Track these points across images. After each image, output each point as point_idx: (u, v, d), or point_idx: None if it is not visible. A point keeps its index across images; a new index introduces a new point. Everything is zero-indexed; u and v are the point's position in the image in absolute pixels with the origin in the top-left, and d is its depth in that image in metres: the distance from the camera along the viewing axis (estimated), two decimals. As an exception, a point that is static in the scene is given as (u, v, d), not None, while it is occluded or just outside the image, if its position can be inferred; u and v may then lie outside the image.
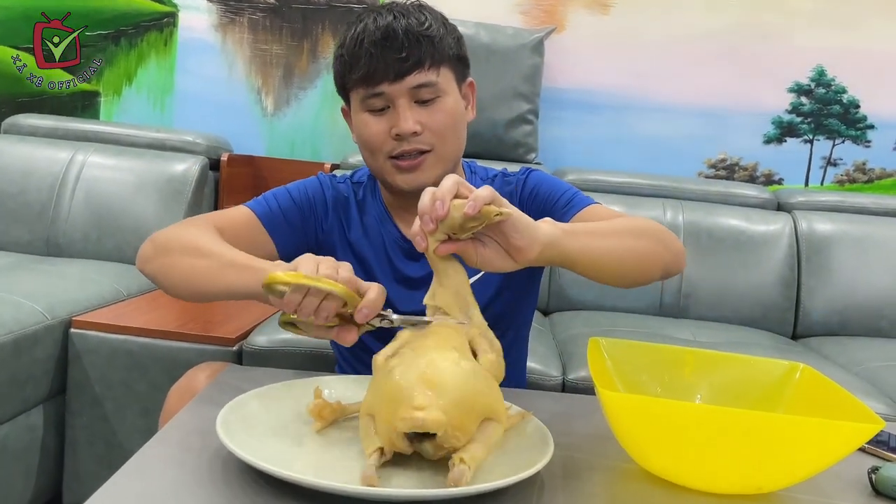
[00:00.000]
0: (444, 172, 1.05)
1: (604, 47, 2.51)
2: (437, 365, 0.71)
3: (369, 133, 1.03)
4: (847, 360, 1.85)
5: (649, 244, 0.95)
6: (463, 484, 0.65)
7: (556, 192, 1.09)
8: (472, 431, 0.70)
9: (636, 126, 2.53)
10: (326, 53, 2.60)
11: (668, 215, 2.19)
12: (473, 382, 0.71)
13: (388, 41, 0.99)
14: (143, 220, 2.19)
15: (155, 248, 1.00)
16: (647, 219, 1.01)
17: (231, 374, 1.02)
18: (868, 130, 2.50)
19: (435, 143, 1.03)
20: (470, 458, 0.67)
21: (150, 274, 1.01)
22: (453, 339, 0.76)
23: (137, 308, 1.76)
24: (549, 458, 0.72)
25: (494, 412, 0.73)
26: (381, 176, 1.08)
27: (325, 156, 2.60)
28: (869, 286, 2.11)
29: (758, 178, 2.53)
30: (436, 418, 0.67)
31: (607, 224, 0.94)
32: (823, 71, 2.48)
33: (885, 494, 0.78)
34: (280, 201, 1.11)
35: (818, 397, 0.84)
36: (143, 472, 0.71)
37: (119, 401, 1.62)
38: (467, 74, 1.10)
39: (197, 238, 0.97)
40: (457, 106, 1.05)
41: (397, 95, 1.01)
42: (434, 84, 1.02)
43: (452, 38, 1.05)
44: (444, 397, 0.68)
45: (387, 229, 1.12)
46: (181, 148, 2.35)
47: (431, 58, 1.01)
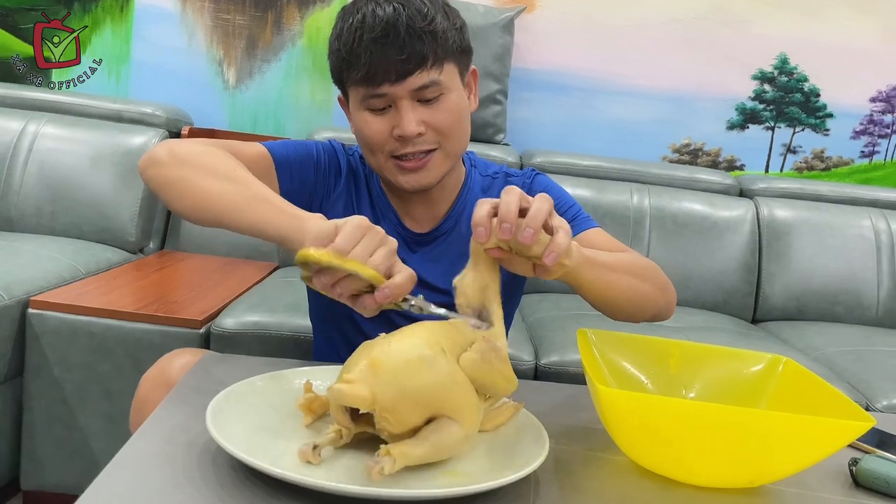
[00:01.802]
0: (450, 168, 1.03)
1: (573, 29, 2.50)
2: (391, 348, 0.69)
3: (370, 132, 0.98)
4: (805, 345, 1.90)
5: (651, 289, 0.97)
6: (374, 476, 0.63)
7: (561, 205, 1.08)
8: (411, 421, 0.68)
9: (603, 109, 2.53)
10: (291, 25, 2.53)
11: (634, 199, 2.21)
12: (423, 372, 0.68)
13: (389, 39, 0.93)
14: (99, 194, 2.11)
15: (171, 154, 0.90)
16: (649, 259, 1.02)
17: (208, 363, 0.99)
18: (827, 119, 2.55)
19: (440, 142, 0.99)
20: (399, 453, 0.65)
21: (158, 182, 0.91)
22: (446, 334, 0.74)
23: (98, 287, 1.70)
24: (546, 455, 0.72)
25: (453, 411, 0.69)
26: (381, 174, 1.04)
27: (289, 131, 2.54)
28: (826, 273, 2.17)
29: (720, 164, 2.57)
30: (357, 393, 0.66)
31: (619, 259, 0.94)
32: (786, 59, 2.52)
33: (864, 486, 0.81)
34: (299, 152, 1.05)
35: (801, 390, 0.85)
36: (130, 471, 0.68)
37: (79, 384, 1.56)
38: (470, 63, 1.05)
39: (223, 160, 0.89)
40: (460, 101, 1.00)
41: (399, 96, 0.95)
42: (437, 83, 0.96)
43: (456, 30, 0.99)
44: (379, 377, 0.67)
45: (386, 215, 1.09)
46: (139, 120, 2.27)
47: (434, 55, 0.95)
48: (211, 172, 0.87)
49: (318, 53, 2.54)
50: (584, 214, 1.10)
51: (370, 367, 0.67)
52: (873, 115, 2.55)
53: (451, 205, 1.10)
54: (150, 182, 0.93)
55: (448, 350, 0.71)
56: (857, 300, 2.15)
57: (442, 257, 1.08)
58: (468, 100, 1.05)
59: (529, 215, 0.74)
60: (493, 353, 0.74)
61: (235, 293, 1.76)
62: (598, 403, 0.77)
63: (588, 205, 2.16)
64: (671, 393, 0.91)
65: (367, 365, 0.67)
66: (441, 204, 1.09)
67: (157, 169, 0.91)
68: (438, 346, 0.71)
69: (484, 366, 0.72)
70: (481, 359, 0.72)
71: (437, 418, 0.69)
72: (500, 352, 0.76)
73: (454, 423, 0.69)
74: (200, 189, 0.87)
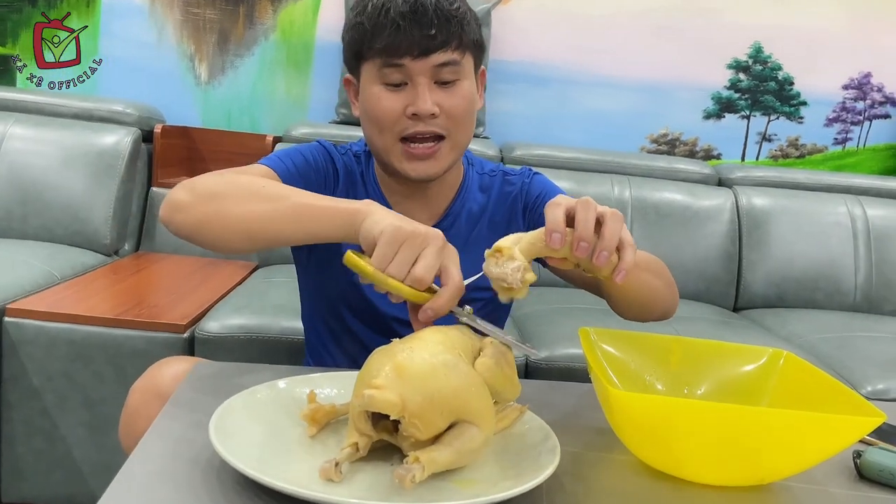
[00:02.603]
0: (455, 160, 1.02)
1: (549, 21, 2.49)
2: (413, 354, 0.68)
3: (381, 108, 0.96)
4: (788, 332, 1.93)
5: (663, 286, 0.99)
6: (407, 484, 0.62)
7: None
8: (437, 426, 0.67)
9: (581, 100, 2.53)
10: (264, 19, 2.49)
11: (615, 191, 2.21)
12: (447, 377, 0.67)
13: (417, 16, 0.93)
14: (72, 196, 2.06)
15: (194, 193, 0.87)
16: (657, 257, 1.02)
17: (201, 372, 0.96)
18: (801, 107, 2.58)
19: (450, 129, 0.98)
20: (427, 460, 0.64)
21: (192, 225, 0.87)
22: (459, 339, 0.73)
23: (75, 293, 1.65)
24: (558, 459, 0.71)
25: (474, 416, 0.69)
26: (386, 158, 1.01)
27: (265, 127, 2.50)
28: (805, 259, 2.20)
29: (697, 153, 2.59)
30: (388, 399, 0.65)
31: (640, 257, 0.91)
32: (761, 48, 2.54)
33: (869, 478, 0.81)
34: (297, 162, 1.03)
35: (804, 384, 0.85)
36: (135, 490, 0.66)
37: (60, 392, 1.52)
38: (482, 62, 1.05)
39: (246, 180, 0.86)
40: (473, 92, 1.00)
41: (418, 72, 0.94)
42: (458, 64, 0.96)
43: (476, 23, 0.99)
44: (406, 383, 0.66)
45: None
46: (110, 119, 2.22)
47: (459, 39, 0.95)
48: (243, 198, 0.85)
49: (291, 47, 2.50)
50: None
51: (396, 372, 0.66)
52: (846, 102, 2.58)
53: (449, 203, 1.09)
54: (183, 228, 0.88)
55: (463, 354, 0.71)
56: (835, 286, 2.18)
57: None
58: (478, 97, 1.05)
59: (605, 237, 0.73)
60: (504, 357, 0.74)
61: (217, 295, 1.72)
62: (608, 405, 0.77)
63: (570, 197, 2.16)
64: (674, 390, 0.91)
65: (392, 370, 0.66)
66: (439, 202, 1.08)
67: (185, 213, 0.87)
68: (456, 351, 0.70)
69: (497, 371, 0.72)
70: (495, 364, 0.72)
71: (458, 423, 0.68)
72: (508, 356, 0.76)
73: (475, 428, 0.68)
74: (241, 217, 0.84)
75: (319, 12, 2.48)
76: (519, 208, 1.11)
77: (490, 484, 0.68)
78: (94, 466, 1.55)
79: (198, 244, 0.88)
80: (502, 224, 1.10)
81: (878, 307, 2.19)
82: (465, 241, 1.07)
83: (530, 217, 1.10)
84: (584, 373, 1.52)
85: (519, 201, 1.11)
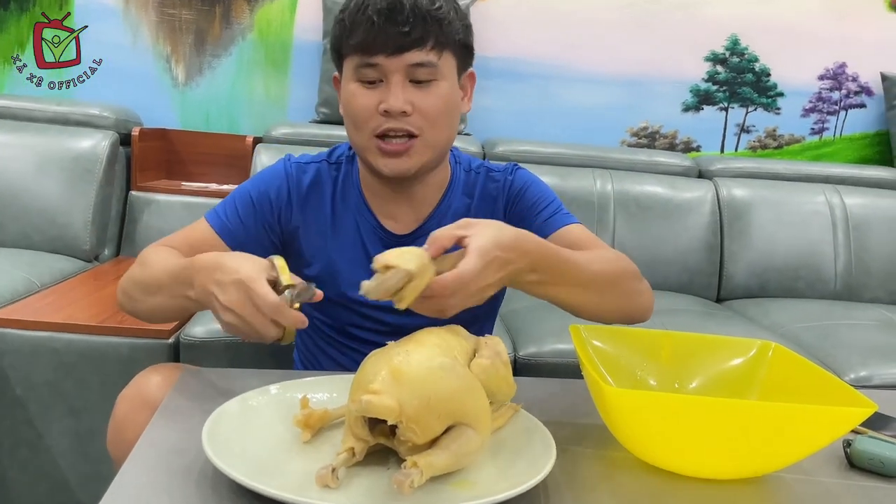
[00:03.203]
0: (431, 160, 1.02)
1: (528, 16, 2.49)
2: (409, 357, 0.68)
3: (356, 105, 0.98)
4: (771, 322, 1.94)
5: (617, 299, 0.95)
6: (405, 489, 0.62)
7: (541, 200, 1.08)
8: (434, 430, 0.67)
9: (561, 95, 2.54)
10: (241, 19, 2.46)
11: (597, 185, 2.22)
12: (444, 380, 0.67)
13: (393, 13, 0.94)
14: (49, 202, 2.03)
15: (124, 294, 1.01)
16: (627, 260, 0.99)
17: (189, 380, 0.95)
18: (778, 98, 2.60)
19: (424, 128, 0.98)
20: (425, 464, 0.64)
21: (137, 317, 1.03)
22: (453, 340, 0.73)
23: (57, 300, 1.63)
24: (554, 461, 0.70)
25: (470, 418, 0.69)
26: (363, 154, 1.03)
27: (245, 128, 2.47)
28: (785, 249, 2.22)
29: (677, 146, 2.60)
30: (386, 404, 0.64)
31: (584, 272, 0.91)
32: (737, 40, 2.56)
33: (859, 467, 0.82)
34: (239, 206, 1.06)
35: (793, 375, 0.86)
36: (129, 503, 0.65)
37: (43, 402, 1.50)
38: (469, 64, 1.05)
39: (148, 272, 0.96)
40: (452, 93, 1.00)
41: (392, 70, 0.95)
42: (433, 65, 0.96)
43: (461, 24, 0.99)
44: (403, 387, 0.66)
45: (364, 218, 1.07)
46: (87, 122, 2.18)
47: (435, 39, 0.96)
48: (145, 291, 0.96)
49: (270, 47, 2.48)
50: (564, 210, 1.09)
51: (392, 376, 0.65)
52: (822, 92, 2.60)
53: (435, 204, 1.08)
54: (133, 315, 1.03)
55: (459, 356, 0.71)
56: (816, 275, 2.20)
57: None
58: (461, 100, 1.04)
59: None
60: (499, 357, 0.74)
61: (201, 299, 1.70)
62: (602, 403, 0.77)
63: (552, 192, 2.17)
64: (665, 385, 0.91)
65: (388, 374, 0.66)
66: (425, 204, 1.08)
67: (127, 310, 1.03)
68: (452, 353, 0.70)
69: (493, 371, 0.73)
70: (491, 364, 0.72)
71: (455, 426, 0.68)
72: (502, 356, 0.75)
73: (471, 430, 0.68)
74: (150, 312, 1.00)
75: (297, 11, 2.46)
76: (501, 205, 1.11)
77: (488, 486, 0.68)
78: (80, 476, 1.52)
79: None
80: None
81: (858, 295, 2.21)
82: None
83: (511, 212, 1.10)
84: (571, 368, 1.53)
85: (501, 198, 1.10)
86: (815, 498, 0.76)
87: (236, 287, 0.78)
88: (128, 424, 0.96)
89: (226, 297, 0.79)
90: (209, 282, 0.81)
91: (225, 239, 1.04)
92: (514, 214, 1.09)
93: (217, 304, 0.80)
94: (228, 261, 0.82)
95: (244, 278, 0.78)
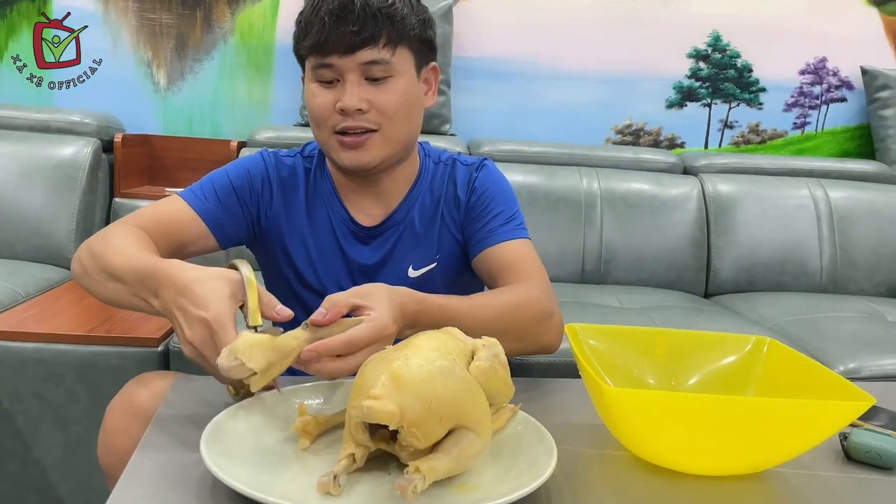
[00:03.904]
0: (392, 154, 1.03)
1: (511, 15, 2.49)
2: (409, 361, 0.67)
3: (315, 104, 1.01)
4: (759, 316, 1.96)
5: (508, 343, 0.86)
6: (409, 495, 0.62)
7: (496, 206, 1.09)
8: (436, 434, 0.67)
9: (546, 94, 2.54)
10: (222, 22, 2.45)
11: (584, 183, 2.22)
12: (444, 383, 0.67)
13: (344, 13, 0.95)
14: (32, 210, 2.00)
15: (81, 268, 0.95)
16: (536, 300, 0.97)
17: (181, 388, 0.93)
18: (760, 93, 2.62)
19: (382, 123, 1.00)
20: (427, 469, 0.64)
21: (90, 293, 0.96)
22: (450, 342, 0.73)
23: (42, 310, 1.61)
24: (555, 463, 0.70)
25: (471, 421, 0.69)
26: (325, 150, 1.05)
27: (228, 132, 2.46)
28: (771, 244, 2.23)
29: (662, 143, 2.61)
30: (387, 409, 0.64)
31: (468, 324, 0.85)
32: (719, 36, 2.58)
33: (856, 459, 0.82)
34: (217, 188, 1.06)
35: (789, 370, 0.86)
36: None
37: (31, 414, 1.48)
38: (431, 59, 1.06)
39: (112, 257, 0.90)
40: (410, 88, 1.01)
41: (347, 70, 0.97)
42: (387, 63, 0.98)
43: (417, 20, 1.00)
44: (404, 392, 0.65)
45: (335, 210, 1.09)
46: (68, 129, 2.16)
47: (388, 36, 0.97)
48: (105, 276, 0.90)
49: (252, 50, 2.46)
50: (518, 222, 1.09)
51: (393, 381, 0.65)
52: (803, 87, 2.63)
53: (402, 198, 1.10)
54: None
55: (457, 359, 0.70)
56: (802, 268, 2.22)
57: (395, 247, 1.10)
58: (424, 94, 1.06)
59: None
60: (497, 359, 0.73)
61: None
62: (602, 402, 0.77)
63: (539, 191, 2.17)
64: (661, 383, 0.91)
65: (389, 379, 0.65)
66: (392, 196, 1.10)
67: (78, 280, 0.96)
68: (451, 356, 0.70)
69: (491, 373, 0.72)
70: (489, 367, 0.72)
71: (456, 430, 0.68)
72: (500, 357, 0.75)
73: (472, 433, 0.68)
74: (104, 296, 0.92)
75: (279, 14, 2.45)
76: (463, 196, 1.11)
77: (489, 489, 0.68)
78: (71, 488, 1.51)
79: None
80: (449, 214, 1.11)
81: (844, 287, 2.23)
82: (417, 234, 1.09)
83: (467, 204, 1.10)
84: (562, 367, 1.53)
85: (464, 189, 1.11)
86: (815, 492, 0.77)
87: (202, 325, 0.74)
88: (119, 435, 0.95)
89: (190, 333, 0.75)
90: (173, 303, 0.77)
91: (204, 218, 1.03)
92: (469, 207, 1.10)
93: (179, 332, 0.77)
94: (197, 288, 0.75)
95: (212, 321, 0.73)
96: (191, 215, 1.03)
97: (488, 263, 1.06)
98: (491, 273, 1.06)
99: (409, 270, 1.09)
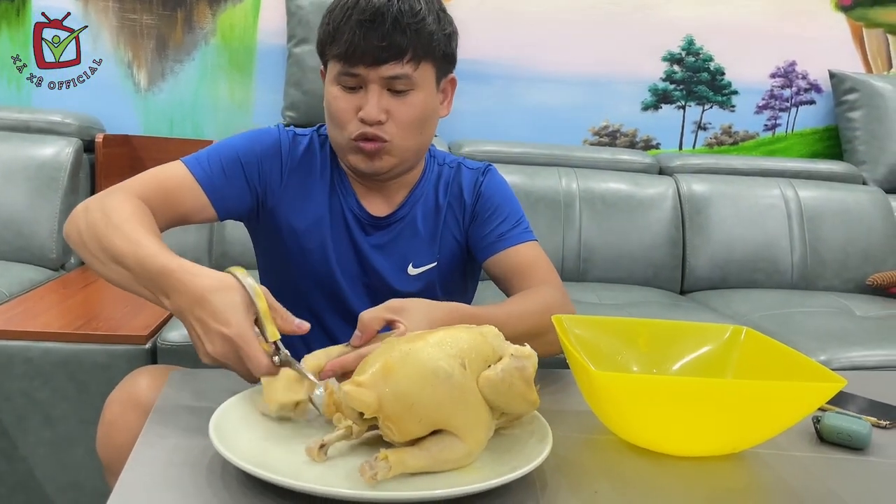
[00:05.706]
0: (402, 163, 1.05)
1: (490, 18, 2.54)
2: (407, 357, 0.68)
3: (337, 108, 1.01)
4: (733, 312, 2.01)
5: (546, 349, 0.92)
6: (367, 479, 0.63)
7: (503, 211, 1.12)
8: (413, 432, 0.67)
9: (524, 96, 2.58)
10: (203, 23, 2.46)
11: (563, 183, 2.27)
12: (433, 388, 0.66)
13: (375, 24, 0.96)
14: (13, 211, 2.00)
15: (79, 237, 0.90)
16: (556, 303, 1.01)
17: (179, 381, 0.95)
18: (732, 96, 2.69)
19: (395, 136, 1.01)
20: (396, 461, 0.65)
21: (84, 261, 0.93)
22: (473, 346, 0.71)
23: (28, 309, 1.61)
24: (550, 446, 0.72)
25: (457, 429, 0.68)
26: (339, 152, 1.06)
27: (209, 133, 2.47)
28: (744, 242, 2.30)
29: (638, 144, 2.67)
30: (363, 398, 0.66)
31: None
32: (692, 40, 2.64)
33: (829, 441, 0.87)
34: (223, 157, 1.04)
35: (764, 356, 0.91)
36: (139, 499, 0.66)
37: (18, 412, 1.48)
38: (450, 71, 1.07)
39: (115, 238, 0.86)
40: (428, 102, 1.02)
41: (371, 80, 0.98)
42: (409, 77, 0.99)
43: (443, 34, 1.01)
44: (390, 385, 0.66)
45: (346, 196, 1.10)
46: (49, 130, 2.16)
47: (414, 51, 0.98)
48: (107, 257, 0.87)
49: (233, 51, 2.47)
50: (525, 226, 1.13)
51: (383, 372, 0.66)
52: (774, 90, 2.70)
53: (407, 194, 1.12)
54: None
55: (470, 364, 0.69)
56: (774, 266, 2.29)
57: (394, 244, 1.11)
58: (440, 105, 1.07)
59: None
60: (518, 372, 0.70)
61: (176, 304, 1.70)
62: (589, 387, 0.80)
63: (520, 191, 2.18)
64: (645, 370, 0.95)
65: (380, 369, 0.67)
66: (398, 193, 1.11)
67: (73, 247, 0.93)
68: (458, 360, 0.68)
69: (502, 387, 0.69)
70: (501, 380, 0.69)
71: (443, 431, 0.68)
72: (524, 371, 0.70)
73: (457, 440, 0.68)
74: (105, 275, 0.89)
75: (260, 15, 2.46)
76: (469, 200, 1.14)
77: (480, 472, 0.69)
78: (58, 485, 1.51)
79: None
80: (453, 216, 1.14)
81: (814, 283, 2.30)
82: (418, 232, 1.11)
83: (474, 209, 1.13)
84: (548, 359, 1.56)
85: (470, 193, 1.13)
86: (790, 471, 0.81)
87: (224, 341, 0.74)
88: (118, 427, 0.96)
89: (212, 347, 0.75)
90: (189, 313, 0.77)
91: (207, 190, 1.01)
92: (475, 211, 1.13)
93: (199, 343, 0.77)
94: (214, 299, 0.75)
95: (235, 337, 0.73)
96: (192, 185, 1.01)
97: (502, 266, 1.09)
98: (505, 276, 1.09)
99: (409, 268, 1.11)
